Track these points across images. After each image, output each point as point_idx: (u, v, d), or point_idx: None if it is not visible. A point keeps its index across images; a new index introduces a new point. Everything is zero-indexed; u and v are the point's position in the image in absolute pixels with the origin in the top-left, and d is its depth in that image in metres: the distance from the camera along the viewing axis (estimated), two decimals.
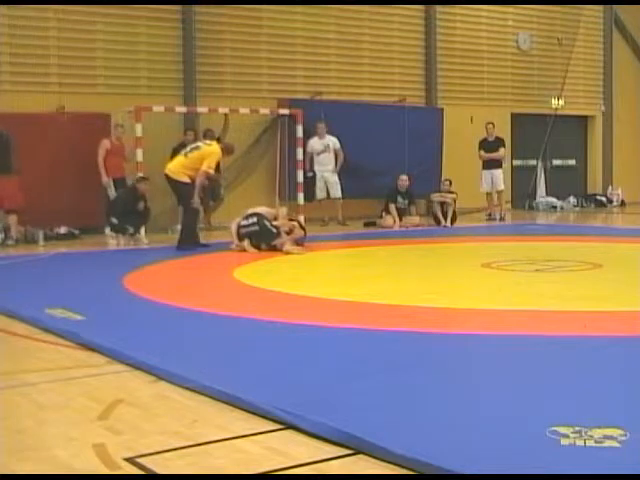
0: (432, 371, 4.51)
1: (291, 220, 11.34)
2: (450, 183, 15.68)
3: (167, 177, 11.36)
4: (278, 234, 10.89)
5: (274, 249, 10.76)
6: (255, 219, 10.99)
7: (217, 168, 14.10)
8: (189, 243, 11.20)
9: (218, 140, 14.02)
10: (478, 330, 5.57)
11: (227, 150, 11.88)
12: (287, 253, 10.56)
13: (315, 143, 15.50)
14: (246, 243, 10.90)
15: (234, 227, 11.16)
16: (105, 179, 13.37)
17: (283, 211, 11.73)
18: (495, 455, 3.10)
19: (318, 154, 15.52)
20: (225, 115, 14.53)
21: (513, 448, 3.19)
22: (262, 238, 10.90)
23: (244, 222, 11.02)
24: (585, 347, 5.05)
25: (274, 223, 11.01)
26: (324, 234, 13.66)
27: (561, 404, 3.77)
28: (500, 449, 3.18)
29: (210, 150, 11.45)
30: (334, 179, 15.61)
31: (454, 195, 15.38)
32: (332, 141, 15.57)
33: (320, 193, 15.57)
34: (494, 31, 19.26)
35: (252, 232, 10.91)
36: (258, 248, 10.85)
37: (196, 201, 11.22)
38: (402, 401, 3.87)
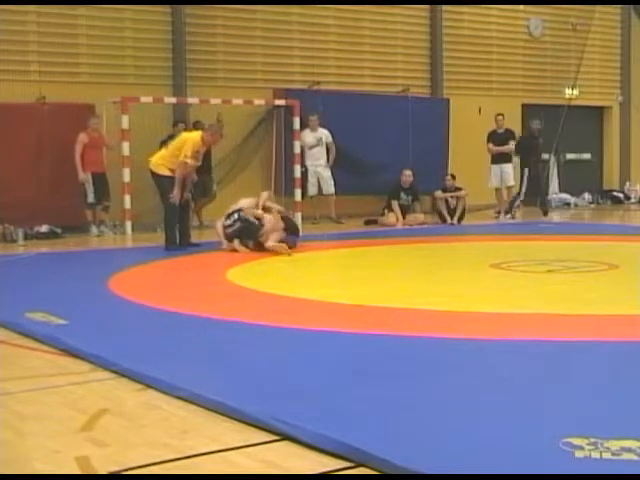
0: (436, 378, 4.51)
1: (264, 209, 11.21)
2: (453, 178, 15.69)
3: (150, 172, 11.35)
4: (261, 224, 10.85)
5: (263, 247, 10.74)
6: (236, 216, 10.98)
7: (208, 162, 14.18)
8: (174, 242, 11.18)
9: None
10: (485, 335, 5.57)
11: (211, 134, 11.40)
12: (275, 252, 10.52)
13: (307, 136, 15.50)
14: (236, 243, 10.90)
15: (220, 227, 11.15)
16: (82, 176, 13.38)
17: (264, 195, 11.61)
18: (504, 468, 3.10)
19: (310, 148, 15.53)
20: (218, 114, 14.47)
21: (523, 461, 3.18)
22: (248, 234, 10.89)
23: (227, 222, 11.01)
24: (600, 353, 5.06)
25: (255, 212, 10.95)
26: (322, 233, 13.67)
27: (575, 413, 3.77)
28: (509, 462, 3.18)
29: (186, 137, 11.32)
30: (327, 174, 15.62)
31: (464, 192, 15.40)
32: (324, 134, 15.56)
33: (312, 189, 15.58)
34: (504, 16, 19.27)
35: (236, 230, 10.91)
36: (248, 247, 10.85)
37: (174, 195, 11.01)
38: (404, 410, 3.87)
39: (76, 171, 13.37)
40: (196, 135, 11.33)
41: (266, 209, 11.17)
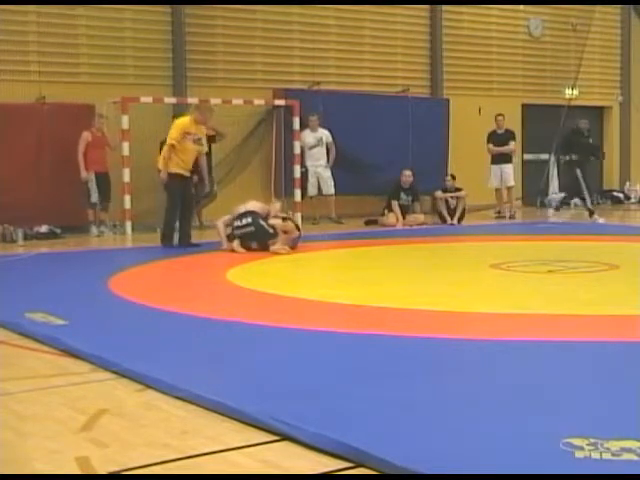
0: (435, 378, 4.51)
1: (285, 219, 11.28)
2: (453, 178, 15.70)
3: (158, 170, 11.46)
4: (275, 234, 10.88)
5: (265, 249, 10.74)
6: (250, 219, 10.93)
7: (208, 162, 14.19)
8: (170, 240, 11.24)
9: (213, 139, 14.07)
10: (485, 335, 5.57)
11: (200, 112, 11.50)
12: (274, 253, 10.54)
13: (307, 136, 15.49)
14: (235, 244, 10.89)
15: (221, 226, 11.15)
16: (84, 174, 13.39)
17: (276, 206, 11.70)
18: (504, 468, 3.10)
19: (310, 148, 15.52)
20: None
21: (523, 461, 3.18)
22: (258, 239, 10.90)
23: (238, 223, 10.97)
24: (600, 353, 5.06)
25: (270, 222, 11.00)
26: (322, 233, 13.67)
27: (575, 414, 3.77)
28: (509, 462, 3.18)
29: (174, 123, 11.41)
30: (327, 174, 15.62)
31: (464, 192, 15.41)
32: (325, 134, 15.56)
33: (312, 189, 15.58)
34: (504, 17, 19.26)
35: (248, 233, 10.90)
36: (248, 248, 10.83)
37: (161, 177, 11.19)
38: (404, 410, 3.87)
39: (76, 171, 13.36)
40: (182, 119, 11.42)
41: (278, 218, 11.21)
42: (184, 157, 11.24)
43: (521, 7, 19.46)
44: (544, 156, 19.98)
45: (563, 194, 18.97)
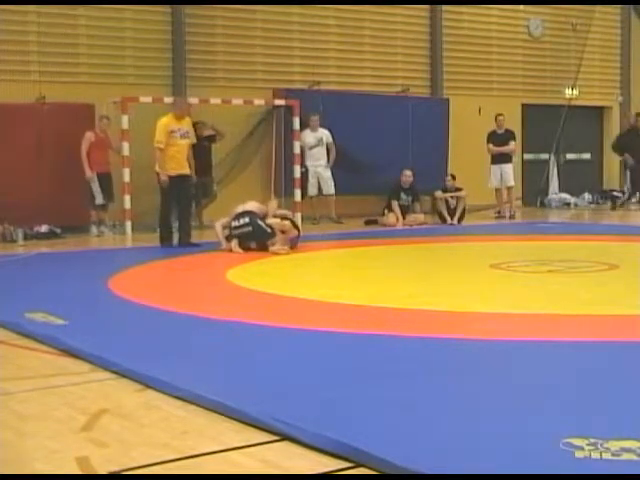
0: (436, 378, 4.51)
1: (284, 219, 11.28)
2: (453, 178, 15.70)
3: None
4: (273, 234, 10.88)
5: (263, 249, 10.73)
6: (247, 219, 10.93)
7: (208, 162, 14.22)
8: (167, 240, 11.34)
9: (214, 138, 14.09)
10: (485, 335, 5.57)
11: (178, 108, 11.68)
12: (274, 253, 10.54)
13: (307, 136, 15.48)
14: (233, 244, 10.88)
15: (219, 227, 11.15)
16: (89, 174, 13.39)
17: (273, 204, 11.71)
18: (504, 468, 3.10)
19: (310, 148, 15.51)
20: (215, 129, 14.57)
21: (523, 461, 3.18)
22: (256, 238, 10.90)
23: (235, 223, 10.97)
24: (601, 353, 5.07)
25: (267, 222, 11.00)
26: (322, 233, 13.67)
27: (575, 413, 3.77)
28: (509, 462, 3.18)
29: (157, 125, 11.48)
30: (327, 175, 15.62)
31: (464, 192, 15.41)
32: (325, 134, 15.56)
33: (312, 189, 15.58)
34: (504, 16, 19.26)
35: (245, 233, 10.89)
36: (246, 248, 10.82)
37: (161, 179, 11.27)
38: (404, 410, 3.87)
39: (77, 171, 13.35)
40: (164, 118, 11.51)
41: (277, 216, 11.20)
42: (178, 155, 11.31)
43: (521, 7, 19.46)
44: (544, 156, 19.99)
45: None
